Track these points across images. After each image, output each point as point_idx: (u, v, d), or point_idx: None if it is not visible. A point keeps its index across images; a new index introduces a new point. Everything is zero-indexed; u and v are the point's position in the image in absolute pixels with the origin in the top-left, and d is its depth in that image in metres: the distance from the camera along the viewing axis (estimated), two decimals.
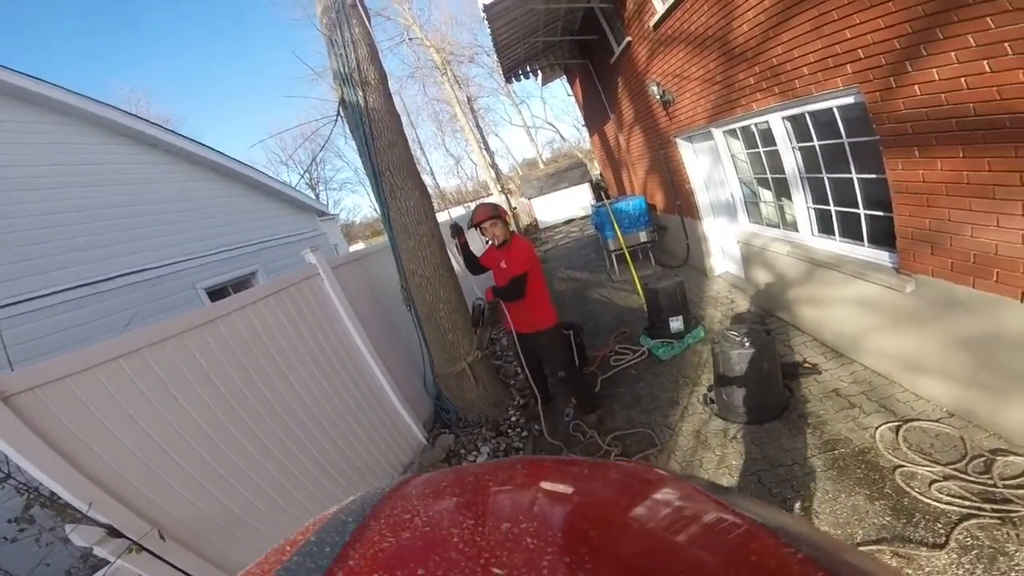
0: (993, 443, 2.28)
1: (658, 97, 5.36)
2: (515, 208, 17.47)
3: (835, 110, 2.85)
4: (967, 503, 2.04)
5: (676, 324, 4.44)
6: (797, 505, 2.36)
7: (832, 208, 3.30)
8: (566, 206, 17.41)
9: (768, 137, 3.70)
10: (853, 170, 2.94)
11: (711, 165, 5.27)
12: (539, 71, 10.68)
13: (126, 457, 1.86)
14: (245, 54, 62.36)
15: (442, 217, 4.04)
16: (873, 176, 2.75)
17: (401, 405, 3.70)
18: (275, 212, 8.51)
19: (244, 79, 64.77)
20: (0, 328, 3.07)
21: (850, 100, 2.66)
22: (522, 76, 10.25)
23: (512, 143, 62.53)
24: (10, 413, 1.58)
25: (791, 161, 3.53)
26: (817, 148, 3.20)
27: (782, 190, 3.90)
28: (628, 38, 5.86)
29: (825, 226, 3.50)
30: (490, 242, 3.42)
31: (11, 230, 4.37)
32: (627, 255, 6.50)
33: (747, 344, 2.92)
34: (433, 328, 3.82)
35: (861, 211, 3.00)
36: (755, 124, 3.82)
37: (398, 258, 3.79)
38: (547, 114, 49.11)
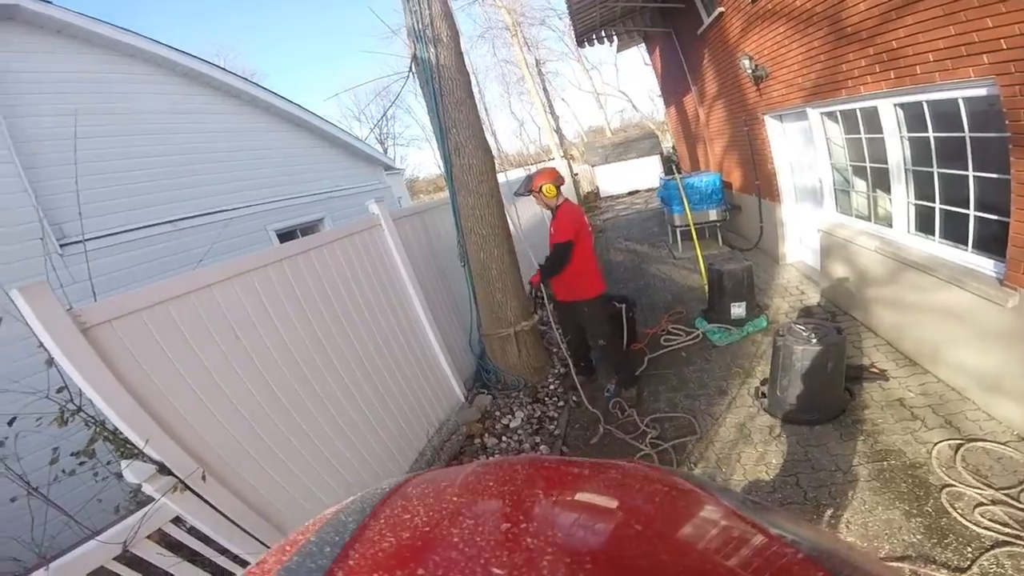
0: None
1: (749, 72, 4.96)
2: (576, 174, 16.98)
3: (960, 101, 2.51)
4: (1006, 530, 1.93)
5: (738, 310, 4.24)
6: (829, 512, 2.28)
7: (936, 206, 2.95)
8: (631, 177, 16.63)
9: (873, 123, 3.33)
10: (970, 167, 2.60)
11: (801, 147, 4.85)
12: (615, 37, 10.06)
13: (185, 393, 1.87)
14: (325, 11, 63.15)
15: (501, 179, 4.03)
16: (993, 176, 2.44)
17: (446, 361, 3.81)
18: (345, 163, 8.79)
19: (323, 36, 66.30)
20: (88, 259, 3.25)
21: (981, 92, 2.34)
22: (596, 41, 9.69)
23: (579, 109, 59.78)
24: (88, 346, 1.57)
25: (897, 151, 3.18)
26: (931, 140, 2.85)
27: (880, 181, 3.53)
28: (721, 8, 5.43)
29: (924, 224, 3.16)
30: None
31: (104, 171, 4.83)
32: (693, 232, 6.22)
33: (814, 341, 2.76)
34: (484, 287, 3.88)
35: (971, 212, 2.67)
36: (859, 108, 3.45)
37: (457, 215, 3.82)
38: (619, 82, 46.34)
